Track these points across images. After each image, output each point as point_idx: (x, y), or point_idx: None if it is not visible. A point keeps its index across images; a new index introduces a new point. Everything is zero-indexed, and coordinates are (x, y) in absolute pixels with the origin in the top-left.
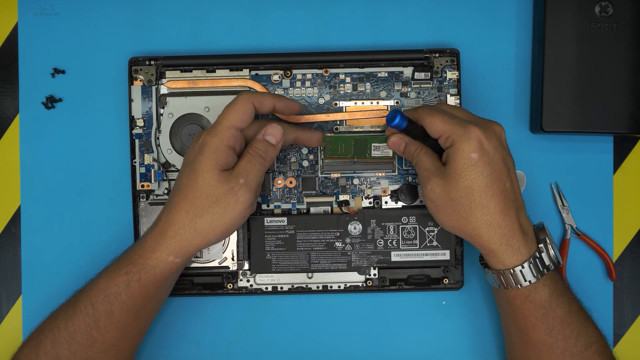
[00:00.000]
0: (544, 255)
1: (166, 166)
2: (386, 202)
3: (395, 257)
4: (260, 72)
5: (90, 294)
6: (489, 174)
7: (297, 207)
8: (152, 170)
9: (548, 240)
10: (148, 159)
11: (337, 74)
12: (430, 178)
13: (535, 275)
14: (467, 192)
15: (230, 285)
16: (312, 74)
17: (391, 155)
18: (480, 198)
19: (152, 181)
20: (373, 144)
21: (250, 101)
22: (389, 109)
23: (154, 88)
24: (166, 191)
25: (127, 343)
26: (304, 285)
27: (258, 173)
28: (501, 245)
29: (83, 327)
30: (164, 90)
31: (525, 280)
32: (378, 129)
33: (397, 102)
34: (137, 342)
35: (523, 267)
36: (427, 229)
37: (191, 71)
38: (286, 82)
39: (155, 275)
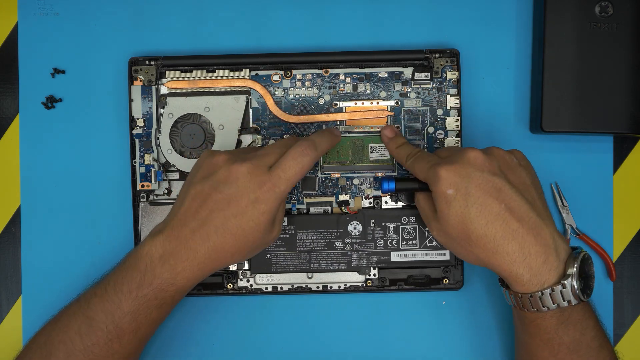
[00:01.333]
0: (564, 291)
1: (166, 166)
2: (386, 202)
3: (395, 257)
4: (260, 72)
5: (112, 314)
6: (473, 203)
7: (297, 207)
8: (152, 170)
9: (573, 274)
10: (148, 159)
11: (337, 74)
12: (429, 223)
13: (543, 305)
14: (462, 227)
15: (230, 285)
16: (312, 74)
17: (389, 157)
18: (476, 229)
19: (152, 181)
20: (370, 145)
21: (314, 160)
22: (389, 109)
23: (154, 88)
24: (166, 191)
25: (142, 348)
26: (304, 285)
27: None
28: (510, 274)
29: (103, 343)
30: (164, 90)
31: (533, 308)
32: (378, 130)
33: (397, 102)
34: (145, 343)
35: (531, 297)
36: (427, 229)
37: (191, 71)
38: (286, 82)
39: (184, 293)
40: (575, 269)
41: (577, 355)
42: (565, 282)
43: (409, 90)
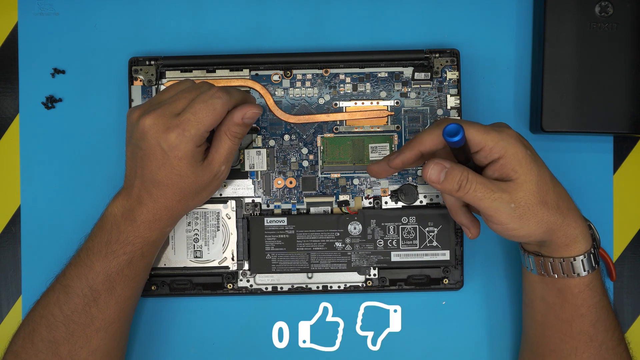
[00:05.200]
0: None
1: None
2: (386, 202)
3: (395, 257)
4: (260, 72)
5: (86, 277)
6: (542, 165)
7: (297, 207)
8: None
9: (593, 228)
10: None
11: (337, 74)
12: (503, 199)
13: (595, 263)
14: (546, 187)
15: (230, 285)
16: (312, 74)
17: None
18: (554, 188)
19: None
20: (370, 145)
21: (227, 108)
22: (389, 109)
23: (154, 88)
24: None
25: (125, 319)
26: (304, 285)
27: (235, 152)
28: (583, 228)
29: (81, 308)
30: None
31: (591, 267)
32: (378, 129)
33: (397, 102)
34: (131, 318)
35: (592, 253)
36: (427, 229)
37: (191, 71)
38: (286, 82)
39: (156, 247)
40: (591, 224)
41: (608, 320)
42: (592, 233)
43: (409, 90)
